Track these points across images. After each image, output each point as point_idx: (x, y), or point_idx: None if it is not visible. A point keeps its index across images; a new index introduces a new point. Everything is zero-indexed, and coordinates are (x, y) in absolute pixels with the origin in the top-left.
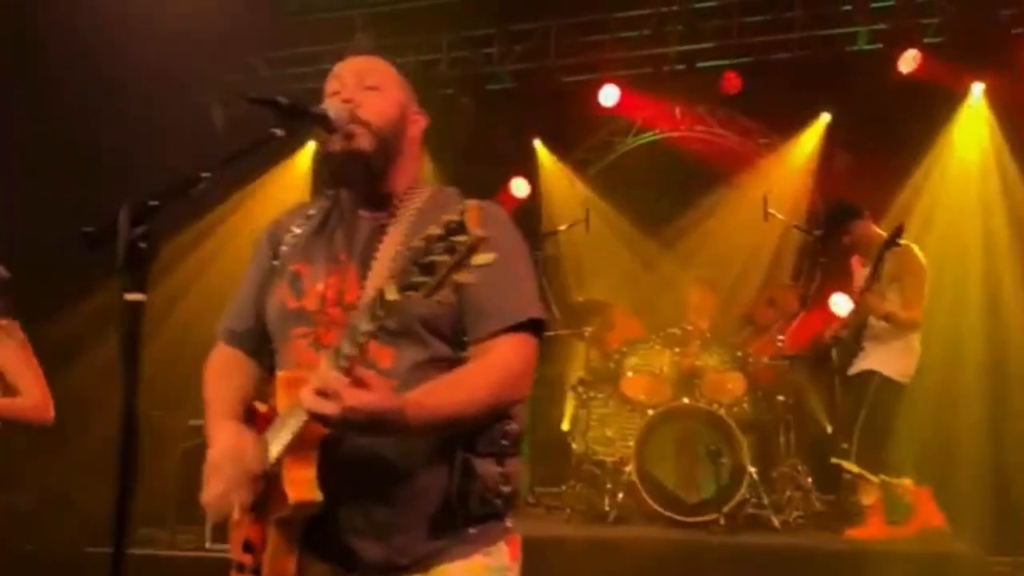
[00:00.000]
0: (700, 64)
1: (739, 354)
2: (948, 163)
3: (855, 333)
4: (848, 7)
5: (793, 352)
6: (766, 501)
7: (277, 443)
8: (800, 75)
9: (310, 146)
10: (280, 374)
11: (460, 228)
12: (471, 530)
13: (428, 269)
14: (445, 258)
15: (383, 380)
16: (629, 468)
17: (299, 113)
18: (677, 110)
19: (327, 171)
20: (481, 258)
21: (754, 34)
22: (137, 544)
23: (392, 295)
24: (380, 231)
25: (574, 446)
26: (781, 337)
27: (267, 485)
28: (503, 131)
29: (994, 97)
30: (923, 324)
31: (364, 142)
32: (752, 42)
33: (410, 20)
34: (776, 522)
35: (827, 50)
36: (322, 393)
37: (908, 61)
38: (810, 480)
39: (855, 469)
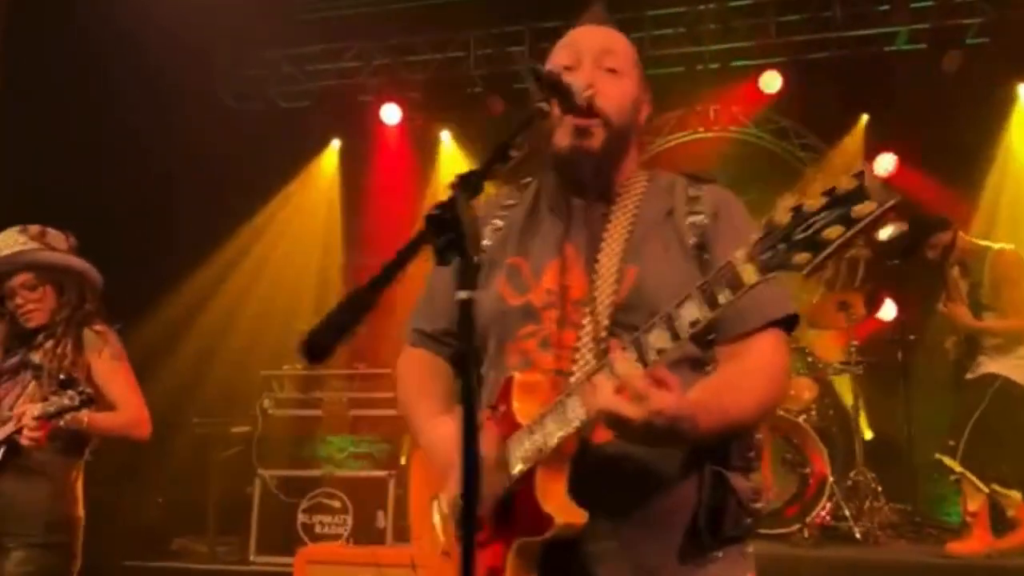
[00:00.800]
0: (735, 63)
1: (809, 359)
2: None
3: (968, 341)
4: (887, 7)
5: (862, 357)
6: (847, 511)
7: (521, 455)
8: (839, 75)
9: (334, 145)
10: (518, 377)
11: (859, 194)
12: (718, 553)
13: (807, 245)
14: (836, 230)
15: (678, 380)
16: None
17: (551, 84)
18: (712, 110)
19: (553, 161)
20: (889, 231)
21: (791, 33)
22: (173, 557)
23: (751, 277)
24: (602, 220)
25: None
26: (855, 342)
27: (505, 503)
28: None
29: None
30: None
31: (596, 141)
32: (789, 41)
33: (436, 16)
34: (858, 533)
35: (866, 50)
36: (624, 394)
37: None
38: (880, 488)
39: (957, 468)
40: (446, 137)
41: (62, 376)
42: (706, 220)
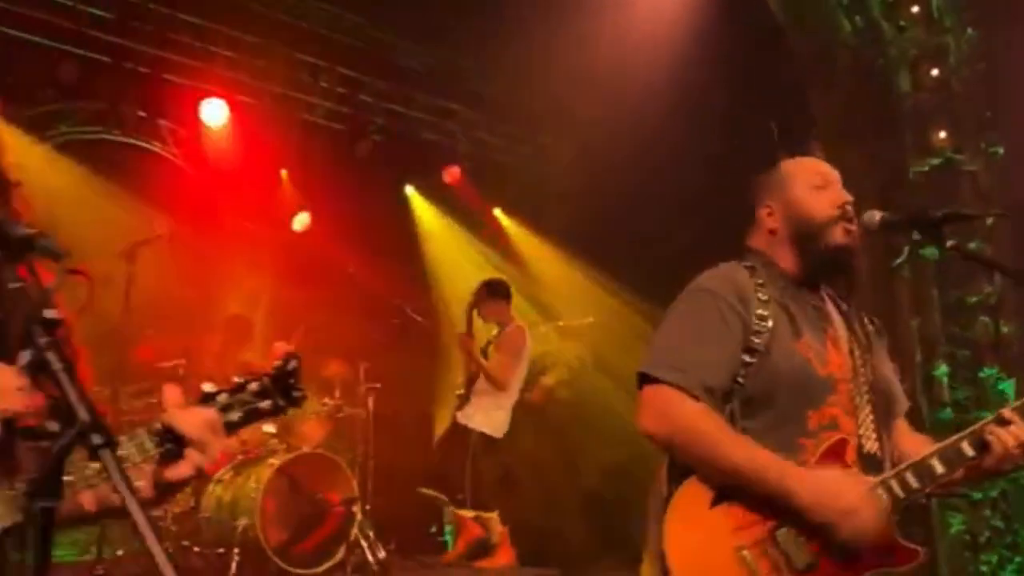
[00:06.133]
0: (168, 76)
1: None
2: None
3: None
4: (311, 79)
5: None
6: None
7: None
8: (266, 129)
9: None
10: (852, 441)
11: None
12: None
13: None
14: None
15: None
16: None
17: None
18: (138, 114)
19: (820, 253)
20: None
21: (233, 68)
22: None
23: None
24: (820, 311)
25: None
26: None
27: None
28: None
29: None
30: None
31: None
32: (232, 77)
33: None
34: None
35: (294, 114)
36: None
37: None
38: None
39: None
40: None
41: None
42: (875, 333)
